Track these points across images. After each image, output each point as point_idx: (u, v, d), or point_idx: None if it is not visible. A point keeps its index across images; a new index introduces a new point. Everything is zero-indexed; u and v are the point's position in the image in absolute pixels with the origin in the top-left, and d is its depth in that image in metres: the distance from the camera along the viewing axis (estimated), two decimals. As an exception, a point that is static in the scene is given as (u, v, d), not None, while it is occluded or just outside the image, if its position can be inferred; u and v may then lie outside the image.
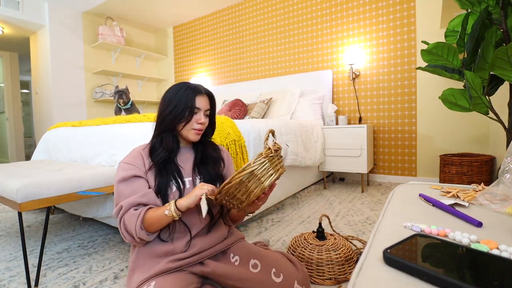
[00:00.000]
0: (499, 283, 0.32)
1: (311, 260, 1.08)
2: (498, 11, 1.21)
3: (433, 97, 2.59)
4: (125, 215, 0.84)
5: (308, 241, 1.15)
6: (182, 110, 0.92)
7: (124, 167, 0.88)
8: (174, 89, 0.95)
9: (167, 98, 0.94)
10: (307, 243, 1.14)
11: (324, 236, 1.18)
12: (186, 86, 0.95)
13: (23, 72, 6.22)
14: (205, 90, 0.98)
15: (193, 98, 0.93)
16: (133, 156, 0.91)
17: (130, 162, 0.89)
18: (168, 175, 0.91)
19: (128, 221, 0.83)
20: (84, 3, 3.70)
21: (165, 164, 0.92)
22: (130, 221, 0.83)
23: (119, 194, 0.86)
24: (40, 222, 1.92)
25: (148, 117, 1.60)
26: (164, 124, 0.93)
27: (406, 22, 2.71)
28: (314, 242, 1.14)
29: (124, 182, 0.86)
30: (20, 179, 1.13)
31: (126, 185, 0.86)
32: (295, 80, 3.30)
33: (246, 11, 3.80)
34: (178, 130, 0.94)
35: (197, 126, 0.94)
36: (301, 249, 1.13)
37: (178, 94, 0.94)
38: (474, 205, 0.63)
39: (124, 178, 0.86)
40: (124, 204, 0.84)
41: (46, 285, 1.13)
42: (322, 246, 1.11)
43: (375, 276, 0.36)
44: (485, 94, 1.32)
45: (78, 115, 3.87)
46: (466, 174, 2.09)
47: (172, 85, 0.99)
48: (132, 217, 0.83)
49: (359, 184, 2.85)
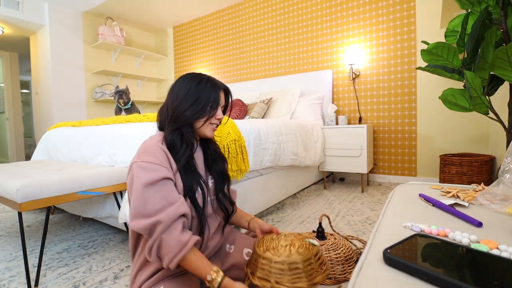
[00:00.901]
0: (499, 283, 0.32)
1: None
2: (498, 11, 1.21)
3: (433, 97, 2.59)
4: (164, 235, 0.71)
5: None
6: (204, 105, 0.85)
7: (148, 167, 0.74)
8: (190, 81, 0.87)
9: (182, 91, 0.86)
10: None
11: (324, 236, 1.18)
12: (205, 79, 0.88)
13: (23, 72, 6.21)
14: (224, 87, 0.94)
15: (218, 92, 0.87)
16: (155, 153, 0.77)
17: (156, 162, 0.75)
18: (194, 174, 0.83)
19: (169, 247, 0.70)
20: (84, 3, 3.70)
21: (189, 162, 0.84)
22: (171, 247, 0.70)
23: (146, 202, 0.71)
24: (40, 222, 1.92)
25: (148, 117, 1.60)
26: (181, 120, 0.84)
27: (406, 22, 2.71)
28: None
29: (151, 187, 0.72)
30: (20, 179, 1.13)
31: (155, 190, 0.72)
32: (295, 80, 3.30)
33: (246, 11, 3.80)
34: (195, 126, 0.87)
35: (216, 121, 0.89)
36: None
37: (197, 87, 0.86)
38: (474, 205, 0.63)
39: (151, 182, 0.72)
40: (164, 218, 0.70)
41: (46, 285, 1.13)
42: (322, 246, 1.11)
43: (375, 276, 0.36)
44: (485, 94, 1.32)
45: (78, 115, 3.87)
46: (466, 174, 2.09)
47: (183, 77, 0.90)
48: (176, 243, 0.71)
49: (359, 184, 2.85)
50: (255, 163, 1.71)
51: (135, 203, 0.72)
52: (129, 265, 1.28)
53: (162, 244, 0.71)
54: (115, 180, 1.34)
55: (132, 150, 1.42)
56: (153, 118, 1.56)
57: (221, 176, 0.95)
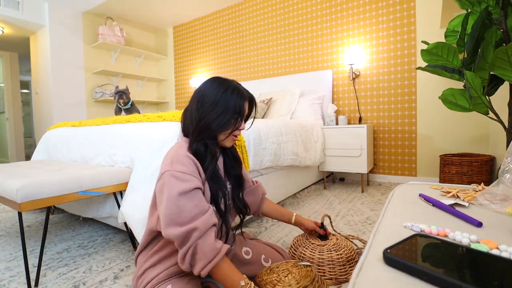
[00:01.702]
0: (499, 283, 0.32)
1: (312, 259, 1.08)
2: (498, 11, 1.21)
3: (433, 97, 2.59)
4: (200, 241, 0.72)
5: (310, 240, 1.16)
6: (229, 118, 0.84)
7: (182, 177, 0.75)
8: (217, 88, 0.86)
9: (208, 97, 0.85)
10: (309, 242, 1.14)
11: (327, 236, 1.18)
12: (232, 88, 0.86)
13: (23, 72, 6.21)
14: (247, 93, 0.91)
15: (243, 103, 0.86)
16: (187, 163, 0.78)
17: (188, 171, 0.77)
18: (219, 183, 0.85)
19: (203, 253, 0.71)
20: (84, 3, 3.70)
21: (214, 171, 0.86)
22: (205, 253, 0.72)
23: (181, 210, 0.73)
24: (40, 222, 1.92)
25: (148, 117, 1.60)
26: (207, 133, 0.84)
27: (406, 22, 2.71)
28: (316, 242, 1.14)
29: (185, 196, 0.74)
30: (20, 179, 1.13)
31: (188, 199, 0.74)
32: (295, 80, 3.30)
33: (246, 11, 3.80)
34: (219, 138, 0.87)
35: (238, 132, 0.88)
36: (302, 249, 1.13)
37: (224, 96, 0.84)
38: (474, 205, 0.63)
39: (185, 191, 0.74)
40: (199, 225, 0.72)
41: (46, 285, 1.13)
42: (324, 246, 1.11)
43: (375, 276, 0.36)
44: (485, 94, 1.32)
45: (78, 115, 3.87)
46: (466, 174, 2.09)
47: (209, 81, 0.88)
48: (211, 250, 0.72)
49: (359, 184, 2.85)
50: (255, 163, 1.71)
51: (168, 210, 0.73)
52: (129, 265, 1.28)
53: (198, 250, 0.72)
54: (115, 180, 1.34)
55: (132, 150, 1.42)
56: (153, 118, 1.56)
57: (237, 181, 0.97)
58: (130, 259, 1.34)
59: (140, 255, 0.93)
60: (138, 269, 0.89)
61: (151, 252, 0.88)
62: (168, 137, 1.32)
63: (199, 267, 0.72)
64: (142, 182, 1.26)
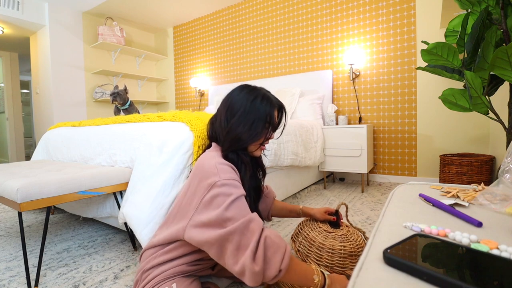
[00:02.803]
0: (499, 283, 0.32)
1: (313, 241, 1.05)
2: (498, 11, 1.21)
3: (433, 97, 2.59)
4: (266, 231, 0.69)
5: (319, 225, 1.12)
6: (261, 128, 0.83)
7: (233, 184, 0.76)
8: (246, 96, 0.85)
9: (237, 106, 0.84)
10: (317, 226, 1.11)
11: (338, 224, 1.12)
12: (261, 96, 0.85)
13: (23, 72, 6.22)
14: (276, 101, 0.88)
15: (273, 112, 0.84)
16: (231, 171, 0.79)
17: (236, 179, 0.78)
18: (248, 191, 0.85)
19: (275, 243, 0.67)
20: (84, 3, 3.71)
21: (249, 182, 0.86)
22: (277, 244, 0.68)
23: (238, 212, 0.71)
24: (40, 222, 1.92)
25: (148, 117, 1.60)
26: (238, 144, 0.84)
27: (406, 22, 2.71)
28: (324, 227, 1.10)
29: (239, 200, 0.74)
30: (20, 179, 1.13)
31: (241, 203, 0.74)
32: (295, 80, 3.30)
33: (246, 11, 3.80)
34: (249, 149, 0.87)
35: (267, 142, 0.87)
36: (308, 229, 1.10)
37: (253, 105, 0.83)
38: (474, 205, 0.63)
39: (238, 196, 0.74)
40: (256, 218, 0.71)
41: (46, 285, 1.13)
42: (330, 233, 1.07)
43: (375, 276, 0.36)
44: (485, 94, 1.32)
45: (78, 115, 3.87)
46: (466, 174, 2.09)
47: (239, 88, 0.88)
48: (278, 238, 0.69)
49: (359, 184, 2.85)
50: (255, 163, 1.71)
51: (222, 217, 0.69)
52: (129, 265, 1.28)
53: (268, 241, 0.66)
54: (115, 180, 1.34)
55: (132, 150, 1.42)
56: (153, 118, 1.56)
57: (258, 192, 0.96)
58: (130, 259, 1.34)
59: (147, 251, 0.91)
60: (144, 264, 0.88)
61: (162, 251, 0.87)
62: (168, 137, 1.32)
63: (277, 263, 0.64)
64: (143, 183, 1.26)
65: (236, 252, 0.66)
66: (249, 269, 0.63)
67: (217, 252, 0.70)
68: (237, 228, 0.67)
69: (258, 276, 0.64)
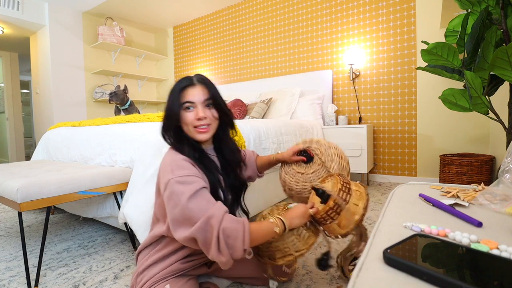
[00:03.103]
0: (499, 283, 0.32)
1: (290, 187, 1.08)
2: (498, 11, 1.21)
3: (433, 97, 2.59)
4: (223, 222, 0.70)
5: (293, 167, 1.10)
6: (174, 108, 0.84)
7: (187, 181, 0.75)
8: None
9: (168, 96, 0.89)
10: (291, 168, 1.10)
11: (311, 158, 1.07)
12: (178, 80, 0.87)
13: (23, 72, 6.21)
14: (197, 79, 0.87)
15: (179, 92, 0.84)
16: (185, 166, 0.79)
17: (191, 174, 0.77)
18: (213, 171, 0.85)
19: (233, 229, 0.70)
20: (84, 3, 3.70)
21: (204, 160, 0.85)
22: (235, 229, 0.70)
23: (196, 210, 0.72)
24: (40, 222, 1.92)
25: (148, 117, 1.60)
26: (167, 128, 0.87)
27: (406, 22, 2.71)
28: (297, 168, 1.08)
29: (195, 197, 0.74)
30: (20, 179, 1.13)
31: (199, 199, 0.74)
32: (295, 80, 3.30)
33: (246, 11, 3.80)
34: (186, 132, 0.87)
35: (197, 123, 0.84)
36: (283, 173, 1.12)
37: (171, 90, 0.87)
38: (474, 205, 0.63)
39: (194, 192, 0.74)
40: (214, 212, 0.71)
41: (46, 285, 1.13)
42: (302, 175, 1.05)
43: (375, 276, 0.36)
44: (485, 94, 1.32)
45: (78, 115, 3.87)
46: (466, 174, 2.08)
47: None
48: (237, 224, 0.71)
49: (359, 184, 2.84)
50: (255, 163, 1.71)
51: (184, 216, 0.73)
52: (129, 265, 1.28)
53: (227, 231, 0.70)
54: (115, 180, 1.34)
55: (132, 151, 1.42)
56: (153, 118, 1.56)
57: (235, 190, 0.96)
58: (130, 259, 1.34)
59: (141, 253, 0.93)
60: (138, 267, 0.89)
61: (154, 251, 0.89)
62: (168, 137, 1.32)
63: (240, 247, 0.70)
64: (143, 183, 1.26)
65: (205, 247, 0.72)
66: (218, 259, 0.70)
67: (195, 246, 0.75)
68: (199, 228, 0.70)
69: (227, 262, 0.71)
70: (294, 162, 1.09)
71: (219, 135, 0.94)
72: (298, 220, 0.82)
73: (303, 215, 0.83)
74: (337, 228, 0.85)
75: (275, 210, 0.97)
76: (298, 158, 1.06)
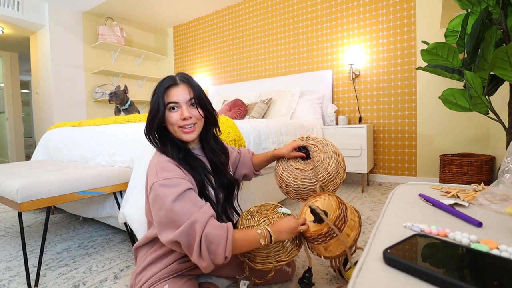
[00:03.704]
0: (499, 283, 0.32)
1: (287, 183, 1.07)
2: (498, 11, 1.21)
3: (433, 97, 2.59)
4: (207, 228, 0.70)
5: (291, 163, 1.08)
6: (158, 109, 0.82)
7: (170, 183, 0.75)
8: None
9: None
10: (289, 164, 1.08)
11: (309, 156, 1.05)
12: (161, 80, 0.85)
13: (23, 72, 6.21)
14: (180, 78, 0.85)
15: (163, 92, 0.82)
16: (170, 168, 0.78)
17: (175, 176, 0.76)
18: (199, 170, 0.85)
19: (216, 236, 0.70)
20: (84, 3, 3.70)
21: (189, 160, 0.84)
22: (218, 236, 0.70)
23: (180, 214, 0.72)
24: (40, 222, 1.92)
25: (148, 117, 1.59)
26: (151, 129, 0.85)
27: (406, 22, 2.71)
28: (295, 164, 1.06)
29: (179, 200, 0.73)
30: (20, 179, 1.13)
31: (184, 202, 0.73)
32: (295, 80, 3.30)
33: (246, 11, 3.80)
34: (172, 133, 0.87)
35: (182, 123, 0.83)
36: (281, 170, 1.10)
37: (155, 91, 0.85)
38: (474, 205, 0.63)
39: (178, 195, 0.73)
40: (198, 217, 0.71)
41: (46, 285, 1.13)
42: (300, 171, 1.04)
43: (375, 276, 0.36)
44: (485, 94, 1.31)
45: (78, 115, 3.87)
46: (466, 174, 2.08)
47: None
48: (220, 230, 0.71)
49: (359, 184, 2.85)
50: (255, 163, 1.71)
51: (168, 219, 0.73)
52: (129, 265, 1.28)
53: (209, 237, 0.70)
54: (115, 180, 1.34)
55: (132, 151, 1.42)
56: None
57: (227, 189, 0.95)
58: (130, 259, 1.34)
59: (139, 251, 0.93)
60: (137, 266, 0.90)
61: (151, 251, 0.89)
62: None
63: (221, 254, 0.71)
64: (143, 183, 1.26)
65: (188, 250, 0.73)
66: (198, 263, 0.72)
67: (180, 249, 0.76)
68: (183, 231, 0.71)
69: (208, 267, 0.73)
70: (292, 158, 1.07)
71: (201, 135, 0.93)
72: (286, 235, 0.81)
73: (292, 231, 0.81)
74: (322, 250, 0.83)
75: (263, 211, 0.96)
76: (297, 154, 1.05)
